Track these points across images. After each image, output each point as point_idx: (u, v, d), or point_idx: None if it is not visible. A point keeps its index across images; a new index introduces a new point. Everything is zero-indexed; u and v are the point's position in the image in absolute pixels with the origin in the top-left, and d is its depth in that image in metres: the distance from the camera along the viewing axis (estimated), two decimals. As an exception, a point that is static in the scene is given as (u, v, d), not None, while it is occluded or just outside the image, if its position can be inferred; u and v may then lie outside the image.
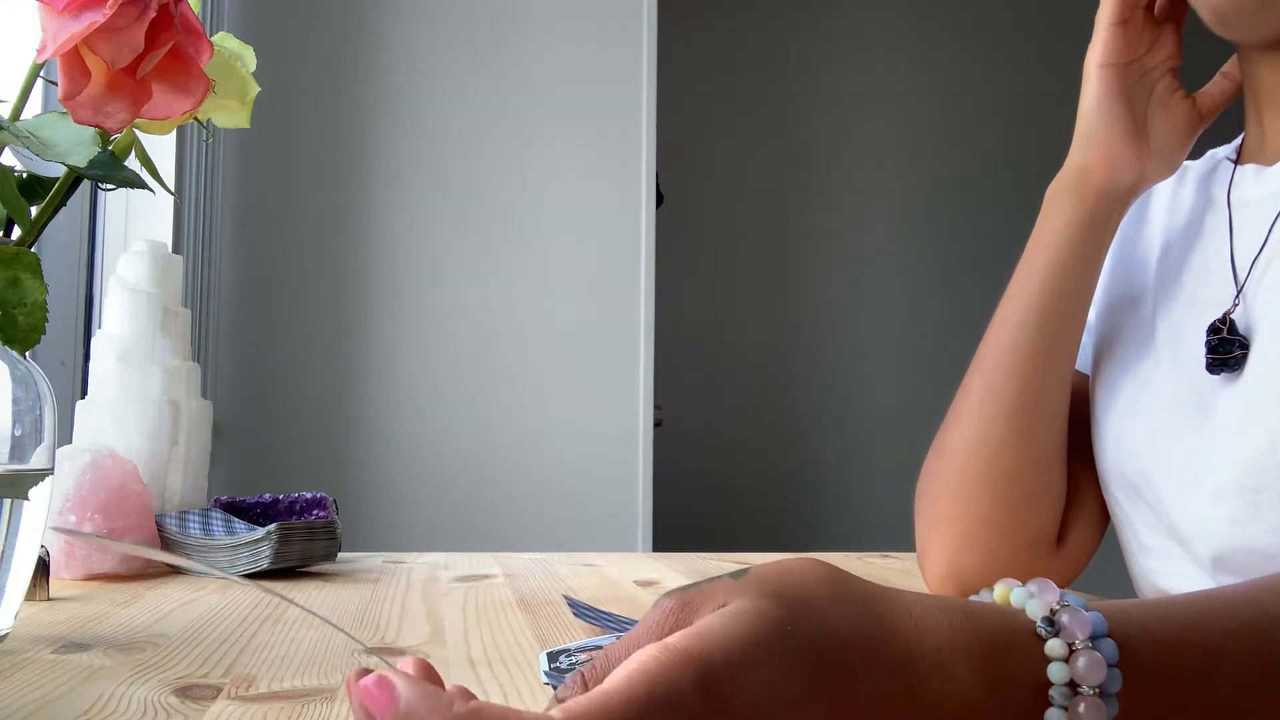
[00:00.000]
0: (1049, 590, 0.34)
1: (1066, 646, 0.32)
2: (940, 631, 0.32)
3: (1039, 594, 0.34)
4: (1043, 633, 0.32)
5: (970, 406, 0.75)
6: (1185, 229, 0.75)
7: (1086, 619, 0.32)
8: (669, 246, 2.33)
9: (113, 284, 1.00)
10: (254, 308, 1.88)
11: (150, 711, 0.47)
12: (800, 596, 0.31)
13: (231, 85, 0.63)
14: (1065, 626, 0.32)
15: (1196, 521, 0.67)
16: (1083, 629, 0.32)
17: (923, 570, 0.78)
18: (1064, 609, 0.33)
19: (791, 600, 0.31)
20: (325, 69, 1.93)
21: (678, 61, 2.81)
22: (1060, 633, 0.32)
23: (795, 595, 0.31)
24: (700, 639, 0.29)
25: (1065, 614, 0.33)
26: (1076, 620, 0.32)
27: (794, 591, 0.31)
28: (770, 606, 0.30)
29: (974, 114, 3.15)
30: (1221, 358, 0.66)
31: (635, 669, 0.28)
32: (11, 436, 0.60)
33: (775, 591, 0.31)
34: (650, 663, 0.28)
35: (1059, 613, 0.33)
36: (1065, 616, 0.33)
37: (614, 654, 0.31)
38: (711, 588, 0.32)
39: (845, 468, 3.03)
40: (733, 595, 0.31)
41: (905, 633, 0.31)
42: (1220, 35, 0.69)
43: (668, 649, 0.29)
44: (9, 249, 0.58)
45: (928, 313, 3.07)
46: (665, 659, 0.28)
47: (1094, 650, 0.32)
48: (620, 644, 0.32)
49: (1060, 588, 0.34)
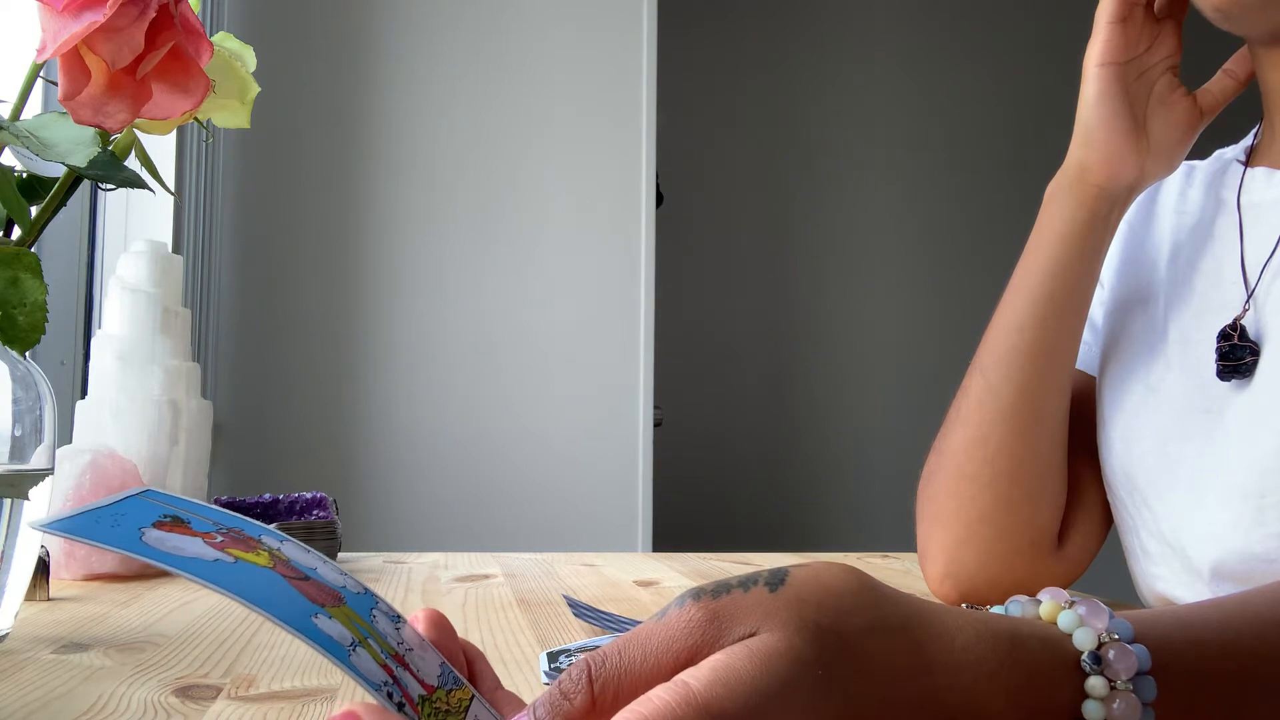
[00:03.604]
0: (1098, 615, 0.33)
1: (1108, 685, 0.31)
2: (981, 663, 0.31)
3: (1088, 619, 0.33)
4: (1087, 668, 0.32)
5: (970, 407, 0.75)
6: (1194, 231, 0.74)
7: (1133, 657, 0.32)
8: (669, 246, 2.33)
9: (113, 284, 1.00)
10: (254, 308, 1.88)
11: (150, 711, 0.47)
12: (837, 629, 0.29)
13: (231, 85, 0.63)
14: (1110, 663, 0.32)
15: (1199, 527, 0.66)
16: (1128, 669, 0.31)
17: (923, 569, 0.78)
18: (1112, 643, 0.32)
19: (827, 633, 0.29)
20: (325, 69, 1.93)
21: (678, 61, 2.81)
22: (1104, 669, 0.32)
23: (832, 627, 0.29)
24: (725, 690, 0.28)
25: (1113, 650, 0.32)
26: (1123, 659, 0.32)
27: (831, 621, 0.30)
28: (805, 646, 0.29)
29: (974, 113, 3.15)
30: (1232, 364, 0.66)
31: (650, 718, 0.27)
32: (11, 436, 0.60)
33: (814, 623, 0.29)
34: (667, 715, 0.27)
35: (1106, 646, 0.32)
36: (1112, 653, 0.32)
37: (628, 656, 0.30)
38: (745, 601, 0.30)
39: (845, 468, 3.03)
40: (767, 619, 0.29)
41: (943, 666, 0.30)
42: (1224, 30, 0.68)
43: (689, 701, 0.27)
44: (9, 249, 0.58)
45: (928, 312, 3.07)
46: (683, 714, 0.27)
47: (1132, 694, 0.31)
48: (636, 645, 0.30)
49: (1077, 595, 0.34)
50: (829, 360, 3.05)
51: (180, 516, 0.33)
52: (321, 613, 0.32)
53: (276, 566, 0.32)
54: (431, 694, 0.33)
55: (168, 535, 0.32)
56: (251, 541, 0.33)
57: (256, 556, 0.32)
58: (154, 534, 0.32)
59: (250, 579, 0.31)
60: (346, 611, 0.33)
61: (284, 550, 0.34)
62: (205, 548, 0.32)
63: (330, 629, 0.31)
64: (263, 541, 0.33)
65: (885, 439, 3.01)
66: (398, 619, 0.34)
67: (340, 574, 0.34)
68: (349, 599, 0.33)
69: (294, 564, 0.33)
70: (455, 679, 0.34)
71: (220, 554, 0.32)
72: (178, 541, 0.32)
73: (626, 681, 0.30)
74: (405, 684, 0.32)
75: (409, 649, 0.33)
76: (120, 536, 0.31)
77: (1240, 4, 0.66)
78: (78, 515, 0.31)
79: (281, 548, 0.34)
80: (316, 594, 0.32)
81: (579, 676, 0.30)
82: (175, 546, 0.31)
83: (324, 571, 0.34)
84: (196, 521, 0.33)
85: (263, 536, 0.34)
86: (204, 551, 0.32)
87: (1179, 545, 0.68)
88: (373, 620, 0.33)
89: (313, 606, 0.31)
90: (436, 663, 0.34)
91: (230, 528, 0.33)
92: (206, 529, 0.33)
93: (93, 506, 0.32)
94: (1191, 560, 0.67)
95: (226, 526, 0.33)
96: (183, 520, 0.33)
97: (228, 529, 0.33)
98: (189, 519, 0.33)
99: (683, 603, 0.30)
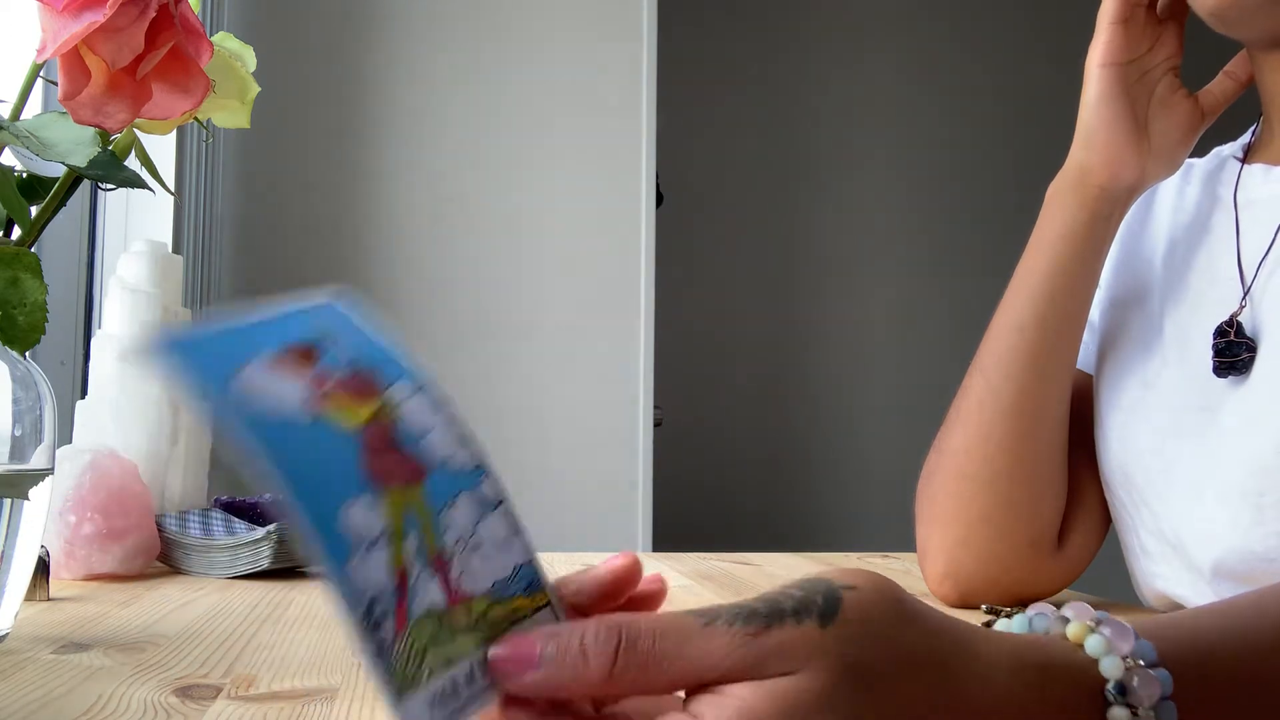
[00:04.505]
0: (1124, 637, 0.33)
1: (1130, 712, 0.32)
2: (1010, 699, 0.31)
3: (1114, 643, 0.33)
4: (1111, 698, 0.32)
5: (970, 407, 0.75)
6: (1191, 227, 0.75)
7: (1156, 685, 0.32)
8: (669, 246, 2.33)
9: (113, 284, 1.00)
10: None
11: (150, 711, 0.47)
12: (876, 669, 0.29)
13: (231, 85, 0.63)
14: (1134, 691, 0.32)
15: (1198, 525, 0.66)
16: (1150, 695, 0.32)
17: (923, 569, 0.78)
18: (1136, 669, 0.33)
19: (866, 672, 0.29)
20: (325, 69, 1.93)
21: (678, 61, 2.81)
22: (1128, 696, 0.32)
23: (871, 664, 0.29)
24: None
25: (1137, 676, 0.32)
26: (1146, 686, 0.32)
27: (871, 658, 0.30)
28: (845, 691, 0.29)
29: (975, 114, 3.14)
30: (1228, 361, 0.66)
31: None
32: (11, 436, 0.60)
33: (854, 664, 0.29)
34: None
35: (1131, 672, 0.32)
36: (1136, 680, 0.32)
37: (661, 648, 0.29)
38: (793, 637, 0.29)
39: (845, 467, 3.03)
40: (810, 660, 0.29)
41: (974, 709, 0.31)
42: (1222, 33, 0.68)
43: None
44: (9, 249, 0.58)
45: (928, 312, 3.07)
46: None
47: None
48: (672, 640, 0.29)
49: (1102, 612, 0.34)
50: (829, 360, 3.05)
51: (316, 347, 0.31)
52: (364, 497, 0.29)
53: (368, 428, 0.30)
54: (452, 607, 0.30)
55: (269, 377, 0.29)
56: (371, 391, 0.31)
57: (353, 413, 0.30)
58: (253, 373, 0.29)
59: (307, 447, 0.29)
60: (412, 495, 0.30)
61: (407, 405, 0.31)
62: (298, 397, 0.29)
63: (355, 521, 0.29)
64: (388, 391, 0.31)
65: (885, 438, 3.01)
66: (495, 505, 0.32)
67: (458, 443, 0.32)
68: (435, 477, 0.31)
69: (401, 425, 0.31)
70: (530, 584, 0.32)
71: (307, 409, 0.29)
72: (271, 386, 0.29)
73: (650, 673, 0.29)
74: (416, 596, 0.29)
75: (474, 547, 0.31)
76: (215, 371, 0.28)
77: (1235, 8, 0.66)
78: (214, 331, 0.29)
79: (406, 401, 0.31)
80: (387, 469, 0.30)
81: (606, 642, 0.29)
82: (260, 390, 0.29)
83: (436, 438, 0.31)
84: (330, 356, 0.31)
85: (395, 384, 0.32)
86: (288, 404, 0.29)
87: (1179, 544, 0.68)
88: (448, 506, 0.31)
89: (358, 489, 0.29)
90: (509, 564, 0.32)
91: (362, 370, 0.31)
92: (328, 370, 0.30)
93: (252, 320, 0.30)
94: (1193, 559, 0.67)
95: (360, 368, 0.31)
96: (312, 353, 0.31)
97: (358, 370, 0.31)
98: (325, 350, 0.31)
99: (733, 621, 0.30)
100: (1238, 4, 0.65)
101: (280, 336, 0.31)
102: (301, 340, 0.31)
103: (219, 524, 0.93)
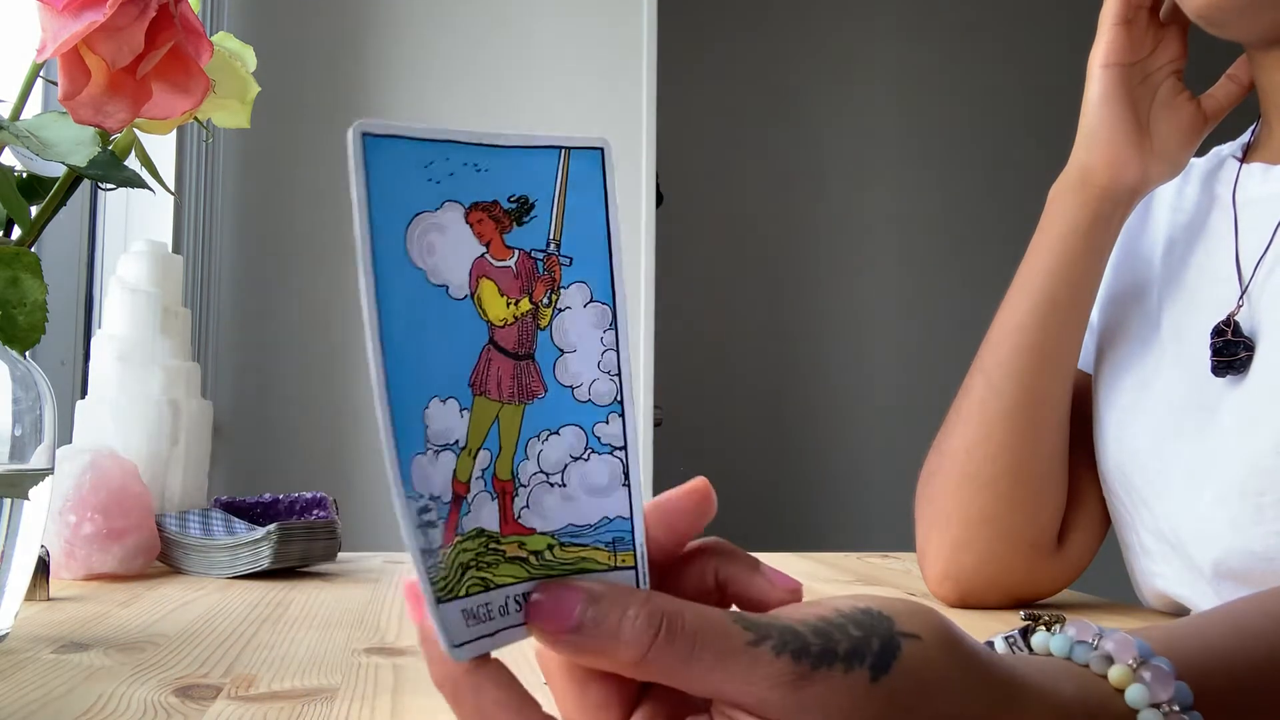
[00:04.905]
0: (1164, 685, 0.32)
1: None
2: None
3: (1154, 688, 0.31)
4: None
5: (971, 407, 0.75)
6: (1189, 226, 0.74)
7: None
8: (669, 246, 2.33)
9: (113, 284, 1.00)
10: (254, 308, 1.88)
11: (150, 711, 0.47)
12: None
13: (231, 85, 0.63)
14: None
15: (1197, 524, 0.66)
16: None
17: (923, 570, 0.78)
18: (1174, 715, 0.31)
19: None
20: (325, 69, 1.93)
21: (678, 61, 2.81)
22: None
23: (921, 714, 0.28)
24: None
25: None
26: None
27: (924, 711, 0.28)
28: None
29: (977, 113, 3.14)
30: (1226, 360, 0.66)
31: None
32: (11, 436, 0.60)
33: (905, 710, 0.27)
34: None
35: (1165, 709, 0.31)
36: None
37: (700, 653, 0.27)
38: (838, 686, 0.27)
39: (845, 468, 3.02)
40: (852, 716, 0.27)
41: None
42: (1213, 34, 0.68)
43: None
44: (9, 249, 0.58)
45: (928, 312, 3.07)
46: None
47: None
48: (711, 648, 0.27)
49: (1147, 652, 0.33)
50: (829, 360, 3.05)
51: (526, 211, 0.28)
52: (459, 399, 0.27)
53: (508, 327, 0.28)
54: (504, 535, 0.28)
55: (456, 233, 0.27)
56: (544, 283, 0.28)
57: (510, 306, 0.28)
58: (427, 226, 0.26)
59: (436, 322, 0.27)
60: (509, 414, 0.28)
61: (568, 314, 0.29)
62: (467, 270, 0.27)
63: (436, 419, 0.27)
64: (559, 293, 0.29)
65: (886, 438, 3.01)
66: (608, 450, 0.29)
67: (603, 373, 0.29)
68: (547, 401, 0.29)
69: (545, 334, 0.29)
70: (617, 540, 0.30)
71: (467, 284, 0.27)
72: (442, 245, 0.27)
73: (678, 675, 0.28)
74: (468, 514, 0.28)
75: (555, 484, 0.29)
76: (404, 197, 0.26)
77: (1222, 9, 0.66)
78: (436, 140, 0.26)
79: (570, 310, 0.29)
80: (498, 380, 0.28)
81: (644, 629, 0.28)
82: (437, 245, 0.26)
83: (577, 359, 0.29)
84: (531, 227, 0.28)
85: (573, 285, 0.29)
86: (455, 273, 0.27)
87: (1178, 543, 0.68)
88: (543, 436, 0.29)
89: (456, 389, 0.27)
90: (598, 513, 0.30)
91: (549, 256, 0.28)
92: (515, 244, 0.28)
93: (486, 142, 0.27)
94: (1193, 558, 0.67)
95: (549, 253, 0.28)
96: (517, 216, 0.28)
97: (546, 254, 0.28)
98: (532, 219, 0.28)
99: (781, 649, 0.27)
100: (1224, 5, 0.66)
101: (502, 180, 0.28)
102: (517, 194, 0.28)
103: (219, 524, 0.93)
